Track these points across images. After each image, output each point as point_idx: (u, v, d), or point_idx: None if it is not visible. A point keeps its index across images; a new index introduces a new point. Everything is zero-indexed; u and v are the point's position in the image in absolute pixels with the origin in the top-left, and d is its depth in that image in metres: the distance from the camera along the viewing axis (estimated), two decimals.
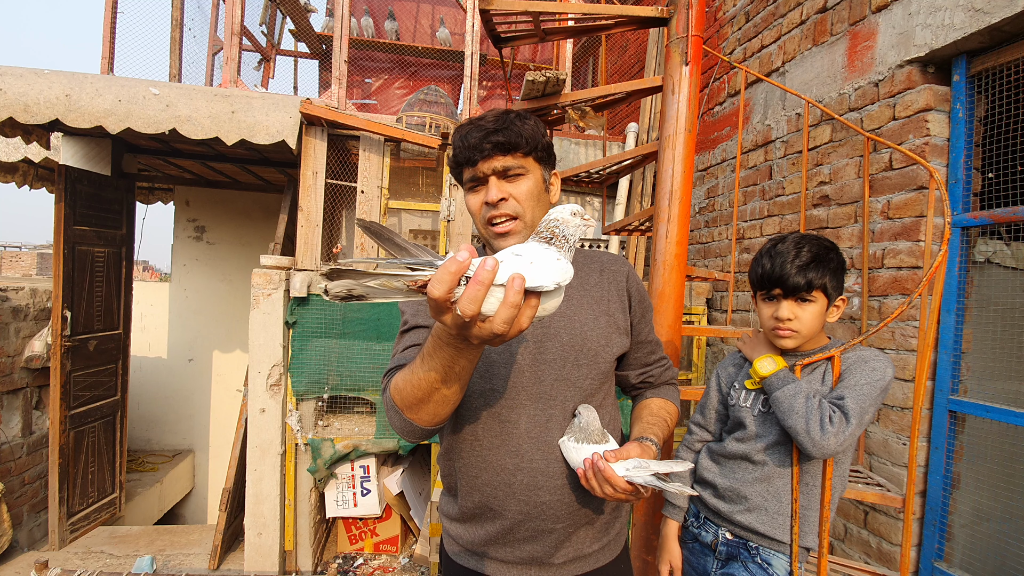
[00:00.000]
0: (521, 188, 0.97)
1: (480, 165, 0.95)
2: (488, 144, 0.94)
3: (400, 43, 4.79)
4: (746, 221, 2.88)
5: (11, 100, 2.71)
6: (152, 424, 5.43)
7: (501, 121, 0.96)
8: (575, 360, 0.97)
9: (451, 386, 0.76)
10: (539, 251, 0.65)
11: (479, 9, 2.04)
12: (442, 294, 0.56)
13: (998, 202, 1.76)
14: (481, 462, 0.96)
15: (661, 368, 1.13)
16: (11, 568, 3.17)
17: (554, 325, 0.98)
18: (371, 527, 3.27)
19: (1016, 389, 1.73)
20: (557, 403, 0.95)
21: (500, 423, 0.95)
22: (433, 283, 0.56)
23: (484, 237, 1.03)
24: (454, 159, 1.00)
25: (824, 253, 1.23)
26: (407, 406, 0.80)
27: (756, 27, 2.86)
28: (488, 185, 0.96)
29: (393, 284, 0.57)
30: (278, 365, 2.99)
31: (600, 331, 1.00)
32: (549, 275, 0.61)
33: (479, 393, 0.96)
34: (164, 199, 5.44)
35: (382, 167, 3.18)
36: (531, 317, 0.61)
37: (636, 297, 1.07)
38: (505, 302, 0.58)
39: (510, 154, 0.95)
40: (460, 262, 0.56)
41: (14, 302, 3.52)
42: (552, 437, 0.95)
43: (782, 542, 1.26)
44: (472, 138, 0.95)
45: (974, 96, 1.82)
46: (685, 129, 1.89)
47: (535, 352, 0.96)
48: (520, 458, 0.93)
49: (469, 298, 0.56)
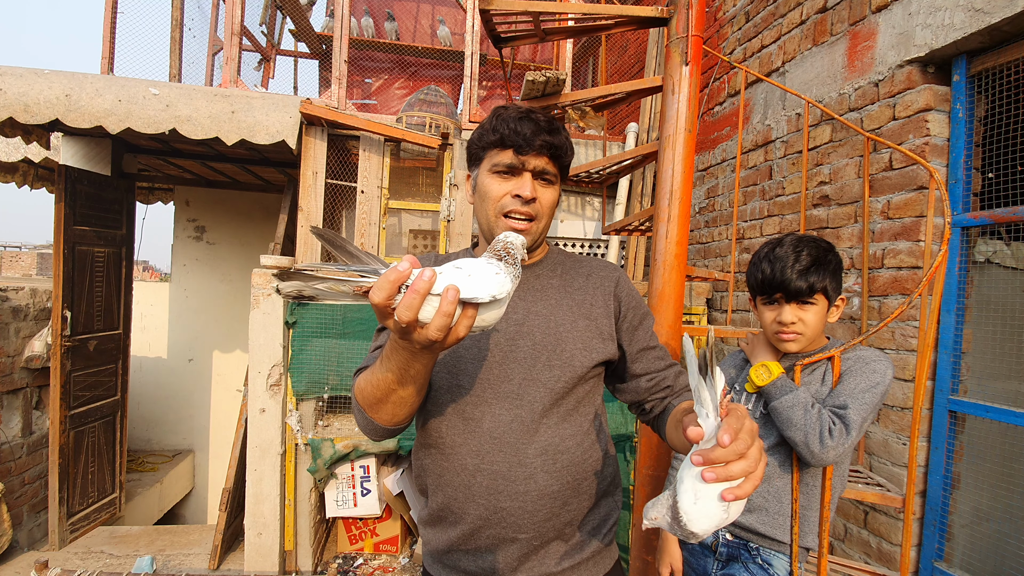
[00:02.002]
0: (548, 196, 0.97)
1: (528, 157, 0.93)
2: (540, 141, 0.92)
3: (400, 43, 4.79)
4: (746, 221, 2.88)
5: (11, 100, 2.71)
6: (152, 424, 5.43)
7: (552, 124, 0.95)
8: (547, 360, 0.94)
9: (407, 388, 0.78)
10: (480, 265, 0.66)
11: (479, 9, 2.04)
12: (382, 300, 0.60)
13: (998, 202, 1.76)
14: (445, 461, 0.93)
15: (676, 372, 1.05)
16: (11, 568, 3.17)
17: (528, 323, 0.96)
18: (371, 527, 3.27)
19: (1016, 389, 1.73)
20: (524, 403, 0.92)
21: (464, 421, 0.92)
22: (374, 289, 0.60)
23: (490, 227, 0.98)
24: (490, 138, 0.94)
25: (823, 255, 1.23)
26: (368, 405, 0.83)
27: (756, 27, 2.86)
28: (523, 179, 0.94)
29: (340, 288, 0.62)
30: (278, 365, 2.99)
31: (578, 334, 0.97)
32: (485, 287, 0.63)
33: (446, 389, 0.94)
34: (164, 199, 5.44)
35: (382, 167, 3.18)
36: (467, 327, 0.64)
37: (627, 303, 1.03)
38: (439, 311, 0.61)
39: (553, 160, 0.95)
40: (400, 272, 0.60)
41: (14, 302, 3.52)
42: (516, 439, 0.90)
43: (783, 542, 1.26)
44: (525, 127, 0.92)
45: (974, 96, 1.82)
46: (685, 129, 1.89)
47: (506, 350, 0.94)
48: (481, 459, 0.90)
49: (405, 305, 0.60)
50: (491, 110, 0.99)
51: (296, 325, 3.01)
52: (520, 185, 0.94)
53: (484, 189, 0.97)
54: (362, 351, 3.08)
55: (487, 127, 0.96)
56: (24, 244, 16.22)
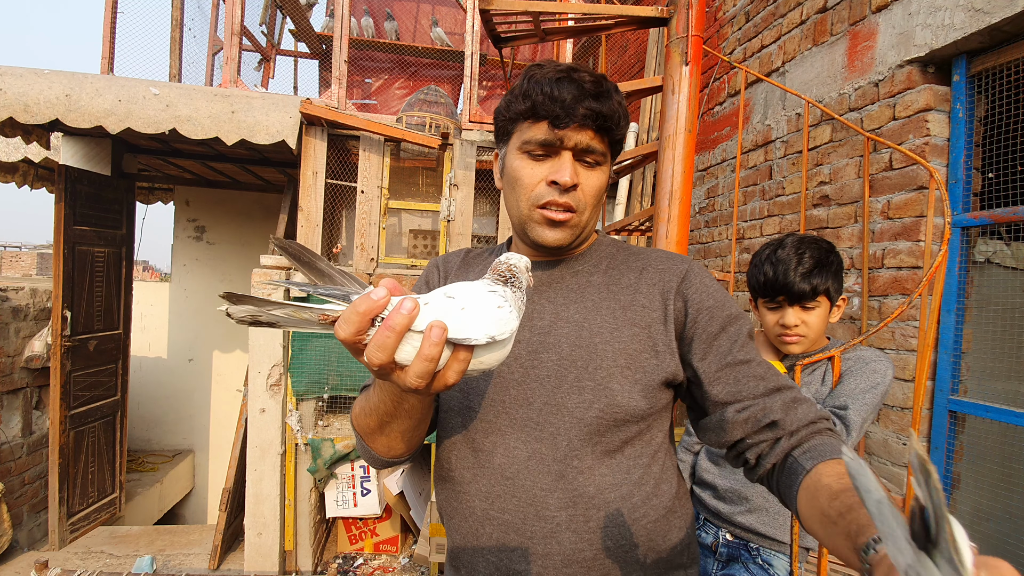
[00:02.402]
0: (593, 181, 0.74)
1: (567, 132, 0.70)
2: (584, 109, 0.69)
3: (400, 43, 4.79)
4: (746, 221, 2.88)
5: (11, 100, 2.71)
6: (152, 424, 5.43)
7: (601, 86, 0.72)
8: (575, 381, 0.71)
9: (402, 422, 0.67)
10: (479, 294, 0.54)
11: (479, 9, 2.04)
12: (349, 336, 0.48)
13: (998, 202, 1.76)
14: (455, 500, 0.77)
15: (787, 400, 0.69)
16: (11, 568, 3.17)
17: (555, 332, 0.75)
18: (371, 527, 3.27)
19: (1016, 389, 1.73)
20: (546, 436, 0.71)
21: (474, 452, 0.75)
22: (340, 323, 0.49)
23: (522, 222, 0.77)
24: (523, 105, 0.72)
25: (825, 256, 1.23)
26: (363, 433, 0.72)
27: (756, 27, 2.86)
28: (561, 160, 0.72)
29: (301, 315, 0.51)
30: (278, 365, 2.99)
31: (619, 346, 0.72)
32: (481, 326, 0.51)
33: (456, 410, 0.77)
34: (164, 199, 5.45)
35: (382, 167, 3.18)
36: (458, 373, 0.51)
37: (697, 302, 0.75)
38: (420, 355, 0.48)
39: (600, 134, 0.72)
40: (373, 301, 0.48)
41: (14, 302, 3.52)
42: (534, 482, 0.70)
43: (783, 542, 1.26)
44: (564, 91, 0.69)
45: (974, 96, 1.82)
46: (685, 129, 1.89)
47: (527, 365, 0.74)
48: (491, 503, 0.72)
49: (377, 345, 0.48)
50: (524, 69, 0.77)
51: None
52: (557, 168, 0.72)
53: (513, 174, 0.76)
54: None
55: (517, 92, 0.74)
56: (24, 244, 16.23)
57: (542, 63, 0.76)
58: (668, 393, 0.76)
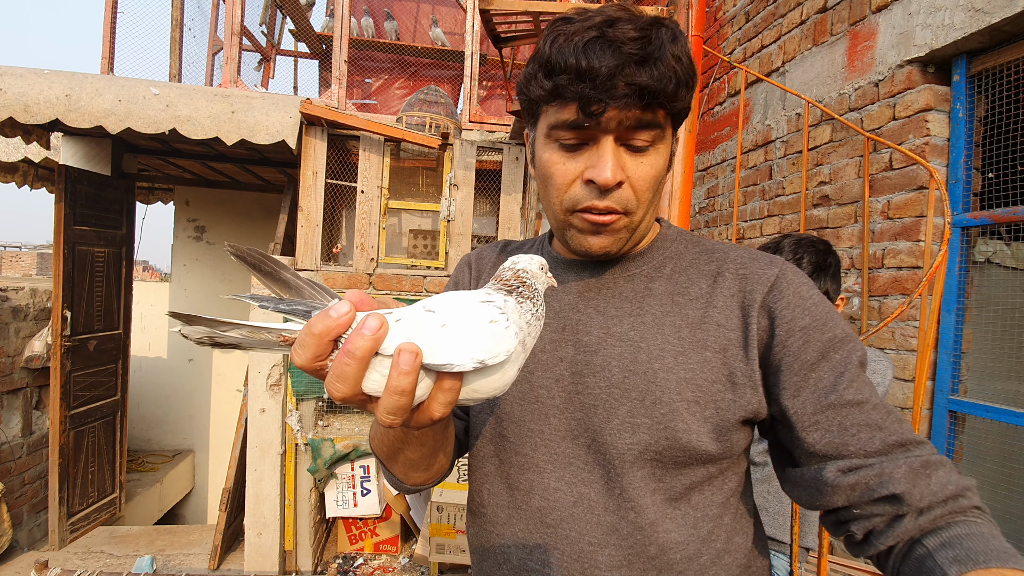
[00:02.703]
0: (646, 170, 0.57)
1: (605, 113, 0.53)
2: (623, 85, 0.52)
3: (400, 43, 4.79)
4: (746, 221, 2.88)
5: (11, 100, 2.71)
6: (152, 424, 5.43)
7: (650, 42, 0.52)
8: (628, 416, 0.57)
9: (412, 451, 0.58)
10: (467, 307, 0.43)
11: (479, 9, 2.04)
12: (306, 362, 0.39)
13: (998, 202, 1.76)
14: (485, 539, 0.65)
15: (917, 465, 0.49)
16: (11, 568, 3.17)
17: (604, 351, 0.60)
18: (371, 527, 3.27)
19: (1016, 389, 1.73)
20: (595, 479, 0.59)
21: (509, 490, 0.63)
22: (295, 347, 0.40)
23: (559, 227, 0.62)
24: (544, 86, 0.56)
25: (823, 259, 1.23)
26: (382, 456, 0.63)
27: (756, 27, 2.86)
28: (601, 152, 0.55)
29: (259, 336, 0.43)
30: (278, 365, 2.99)
31: (687, 373, 0.57)
32: (465, 348, 0.40)
33: (488, 438, 0.65)
34: (164, 199, 5.45)
35: (382, 167, 3.18)
36: (447, 404, 0.41)
37: (788, 321, 0.57)
38: (388, 387, 0.39)
39: (651, 109, 0.54)
40: (332, 319, 0.38)
41: (14, 302, 3.52)
42: (580, 533, 0.58)
43: (783, 542, 1.26)
44: (596, 60, 0.51)
45: (974, 96, 1.82)
46: (685, 129, 1.89)
47: (570, 390, 0.61)
48: (528, 554, 0.60)
49: (336, 375, 0.39)
50: (549, 24, 0.59)
51: None
52: (595, 162, 0.56)
53: (543, 169, 0.60)
54: None
55: (537, 63, 0.57)
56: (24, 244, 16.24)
57: (570, 16, 0.56)
58: (747, 431, 0.60)
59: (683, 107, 0.57)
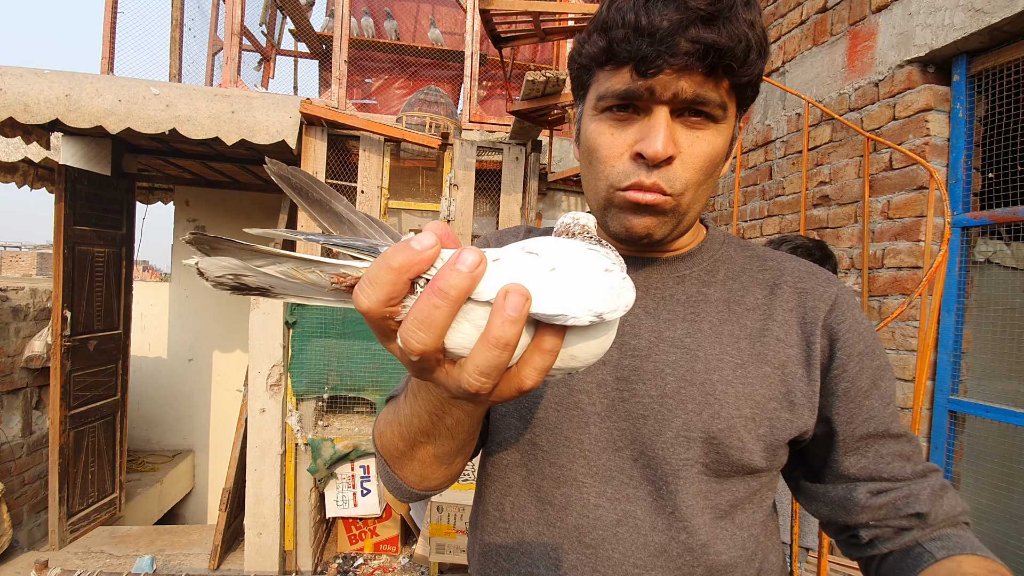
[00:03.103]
0: (702, 146, 0.52)
1: (659, 78, 0.48)
2: (687, 42, 0.46)
3: (400, 43, 4.80)
4: (746, 221, 2.88)
5: (11, 100, 2.71)
6: (152, 424, 5.43)
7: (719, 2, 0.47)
8: (683, 430, 0.54)
9: (440, 444, 0.50)
10: (575, 253, 0.35)
11: (479, 9, 2.04)
12: (375, 305, 0.31)
13: (998, 202, 1.76)
14: (504, 559, 0.59)
15: (935, 487, 0.56)
16: (11, 568, 3.17)
17: (656, 358, 0.56)
18: (371, 527, 3.27)
19: (1016, 389, 1.73)
20: (642, 496, 0.55)
21: (539, 504, 0.57)
22: (363, 285, 0.31)
23: (602, 202, 0.56)
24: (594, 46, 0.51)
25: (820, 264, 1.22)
26: (390, 456, 0.54)
27: None
28: (654, 122, 0.50)
29: (306, 275, 0.33)
30: (278, 365, 2.99)
31: (746, 388, 0.54)
32: (581, 296, 0.32)
33: (514, 443, 0.59)
34: (164, 199, 5.45)
35: (382, 167, 3.18)
36: (542, 370, 0.33)
37: (849, 345, 0.56)
38: (488, 337, 0.31)
39: (714, 78, 0.49)
40: (415, 252, 0.30)
41: (14, 302, 3.52)
42: (625, 553, 0.54)
43: (783, 542, 1.26)
44: (658, 16, 0.46)
45: (974, 96, 1.82)
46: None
47: (614, 397, 0.56)
48: (559, 572, 0.55)
49: (419, 320, 0.30)
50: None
51: (296, 325, 3.01)
52: (645, 133, 0.50)
53: (588, 143, 0.55)
54: (362, 351, 3.07)
55: (593, 25, 0.52)
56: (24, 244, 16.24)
57: None
58: (788, 449, 0.58)
59: (752, 79, 0.51)
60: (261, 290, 0.34)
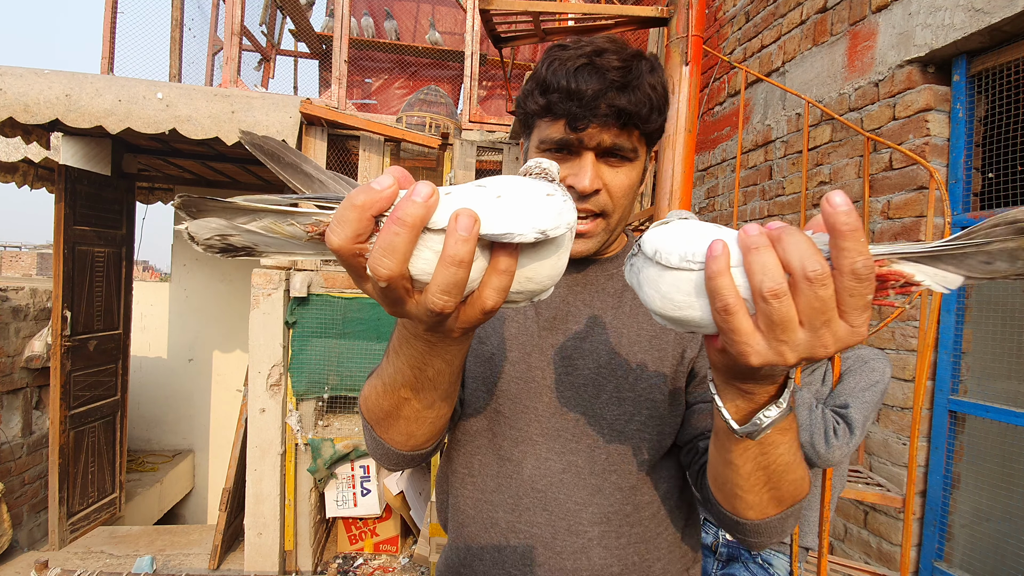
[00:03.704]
0: (621, 179, 0.67)
1: (587, 131, 0.63)
2: (606, 105, 0.62)
3: (400, 43, 4.79)
4: (746, 221, 2.88)
5: (11, 100, 2.71)
6: (152, 424, 5.43)
7: (630, 72, 0.63)
8: (615, 392, 0.68)
9: (423, 396, 0.54)
10: (519, 183, 0.40)
11: (479, 9, 2.04)
12: (344, 241, 0.35)
13: (998, 202, 1.76)
14: (471, 509, 0.72)
15: None
16: (11, 568, 3.17)
17: (592, 338, 0.71)
18: (371, 527, 3.27)
19: (1016, 389, 1.73)
20: (582, 448, 0.68)
21: (499, 461, 0.71)
22: (333, 224, 0.35)
23: None
24: (538, 103, 0.66)
25: None
26: (375, 420, 0.60)
27: (756, 27, 2.86)
28: (583, 163, 0.65)
29: (284, 228, 0.37)
30: (278, 365, 2.99)
31: (660, 354, 0.70)
32: (526, 216, 0.36)
33: (480, 410, 0.72)
34: (164, 199, 5.45)
35: (382, 167, 3.18)
36: (500, 290, 0.37)
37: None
38: (444, 257, 0.35)
39: (627, 130, 0.64)
40: (375, 191, 0.35)
41: (14, 302, 3.52)
42: (568, 496, 0.68)
43: (783, 542, 1.26)
44: (584, 83, 0.62)
45: (974, 96, 1.82)
46: (685, 129, 1.89)
47: (560, 371, 0.70)
48: (518, 516, 0.68)
49: (384, 247, 0.34)
50: (546, 50, 0.69)
51: (296, 325, 3.01)
52: (576, 171, 0.65)
53: None
54: (362, 351, 3.07)
55: (534, 82, 0.67)
56: (24, 244, 16.24)
57: (566, 43, 0.66)
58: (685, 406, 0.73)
59: (655, 129, 0.67)
60: (247, 249, 0.39)
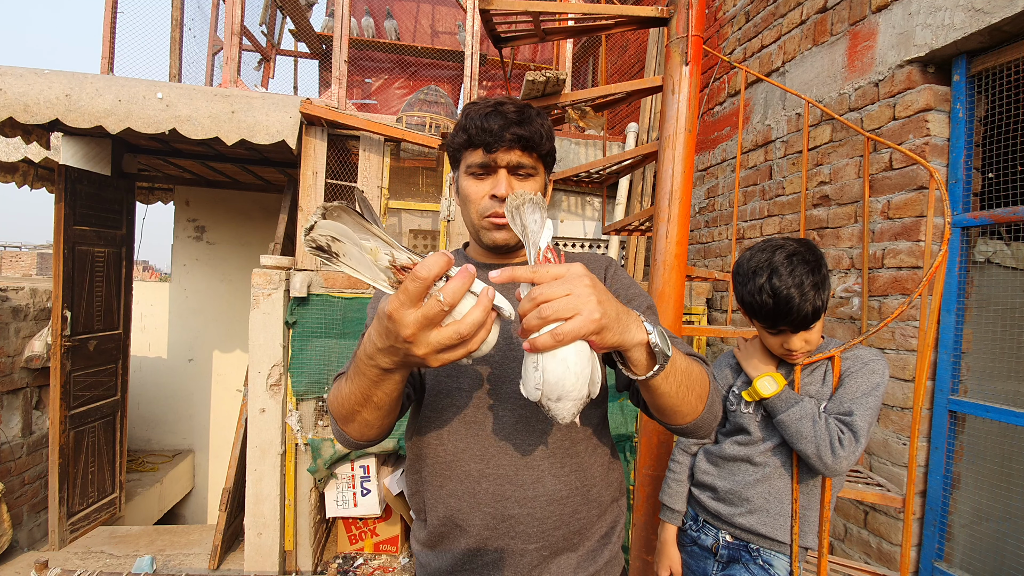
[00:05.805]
0: (528, 187, 0.93)
1: (498, 154, 0.89)
2: (509, 135, 0.88)
3: (400, 43, 4.79)
4: (746, 221, 2.88)
5: (11, 100, 2.71)
6: (152, 424, 5.43)
7: (523, 114, 0.90)
8: None
9: (371, 413, 0.75)
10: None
11: (479, 9, 2.04)
12: (430, 275, 0.55)
13: (998, 202, 1.76)
14: (446, 469, 0.90)
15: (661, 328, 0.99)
16: (11, 568, 3.17)
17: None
18: (371, 527, 3.27)
19: (1016, 389, 1.73)
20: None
21: (466, 425, 0.90)
22: (424, 264, 0.56)
23: (475, 230, 0.98)
24: (462, 137, 0.92)
25: (821, 280, 1.20)
26: (338, 417, 0.80)
27: (756, 27, 2.86)
28: (498, 178, 0.91)
29: (380, 254, 0.56)
30: (278, 365, 2.99)
31: None
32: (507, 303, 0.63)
33: (445, 392, 0.91)
34: (164, 199, 5.45)
35: (382, 167, 3.18)
36: (482, 340, 0.61)
37: (616, 291, 0.98)
38: (479, 305, 0.58)
39: (527, 152, 0.91)
40: (450, 257, 0.56)
41: (14, 302, 3.52)
42: (522, 441, 0.88)
43: (783, 543, 1.26)
44: (492, 123, 0.88)
45: (974, 96, 1.82)
46: (685, 129, 1.89)
47: (504, 350, 0.91)
48: (486, 463, 0.87)
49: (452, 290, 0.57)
50: (463, 107, 0.97)
51: (296, 325, 3.01)
52: (495, 184, 0.90)
53: (464, 192, 0.95)
54: None
55: (458, 127, 0.94)
56: (24, 244, 16.23)
57: (476, 101, 0.95)
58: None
59: (547, 152, 0.93)
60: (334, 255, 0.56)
